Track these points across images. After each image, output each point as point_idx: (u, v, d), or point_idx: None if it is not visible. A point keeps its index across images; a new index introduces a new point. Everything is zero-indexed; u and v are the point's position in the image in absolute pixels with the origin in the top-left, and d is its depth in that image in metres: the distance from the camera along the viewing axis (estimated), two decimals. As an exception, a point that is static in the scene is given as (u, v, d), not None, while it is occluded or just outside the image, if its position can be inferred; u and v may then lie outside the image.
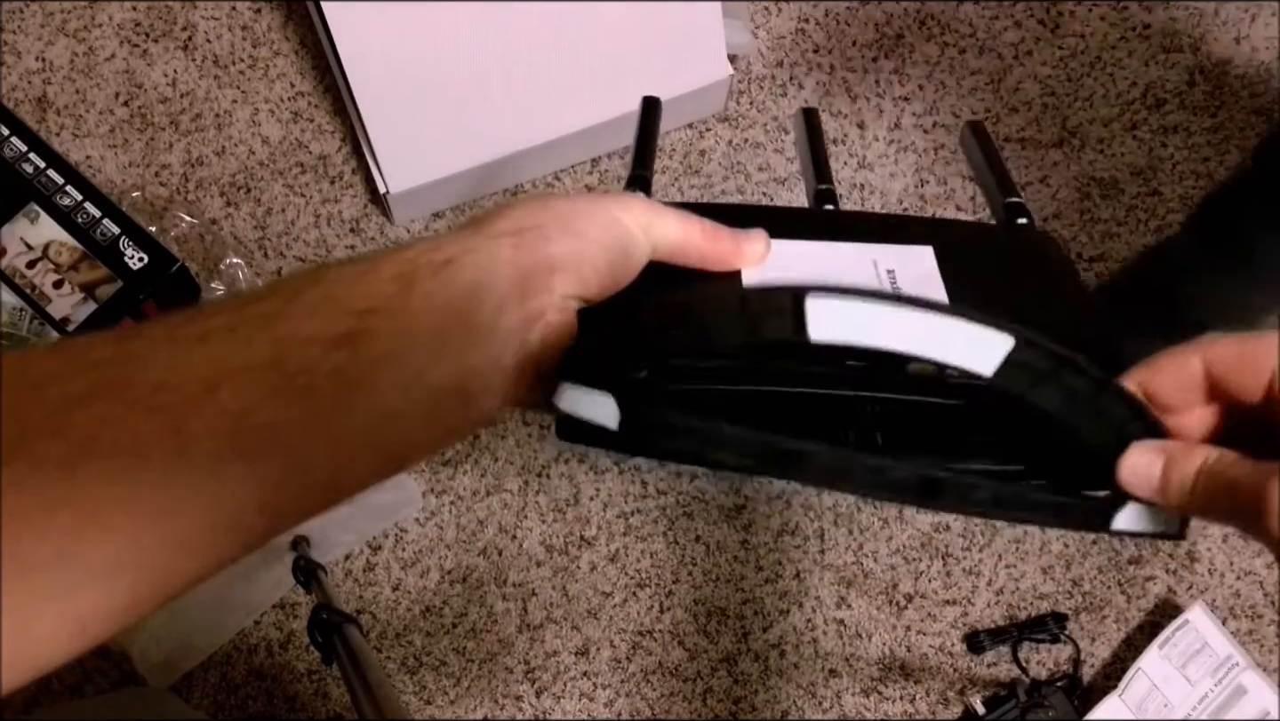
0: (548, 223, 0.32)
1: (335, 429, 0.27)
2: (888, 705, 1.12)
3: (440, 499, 1.12)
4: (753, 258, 0.36)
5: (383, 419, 0.28)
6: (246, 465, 0.26)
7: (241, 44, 1.20)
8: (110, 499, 0.24)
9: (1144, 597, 1.14)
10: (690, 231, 0.35)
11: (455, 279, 0.29)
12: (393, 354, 0.28)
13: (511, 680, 1.10)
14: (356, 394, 0.27)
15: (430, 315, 0.28)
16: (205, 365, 0.25)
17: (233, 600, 1.07)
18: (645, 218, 0.34)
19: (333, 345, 0.27)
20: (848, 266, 0.37)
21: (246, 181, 1.17)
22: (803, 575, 1.13)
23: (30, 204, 1.04)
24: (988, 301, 0.32)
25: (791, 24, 1.25)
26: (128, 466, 0.24)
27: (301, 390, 0.26)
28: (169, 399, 0.25)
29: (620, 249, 0.33)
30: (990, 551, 1.14)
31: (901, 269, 0.36)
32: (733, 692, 1.11)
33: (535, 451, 1.13)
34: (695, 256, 0.35)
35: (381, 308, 0.28)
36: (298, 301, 0.27)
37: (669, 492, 1.13)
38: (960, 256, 0.37)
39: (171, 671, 1.06)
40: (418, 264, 0.29)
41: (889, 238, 0.38)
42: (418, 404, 0.29)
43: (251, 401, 0.26)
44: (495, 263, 0.30)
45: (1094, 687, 1.12)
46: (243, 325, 0.27)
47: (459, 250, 0.30)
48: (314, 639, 0.79)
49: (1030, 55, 1.24)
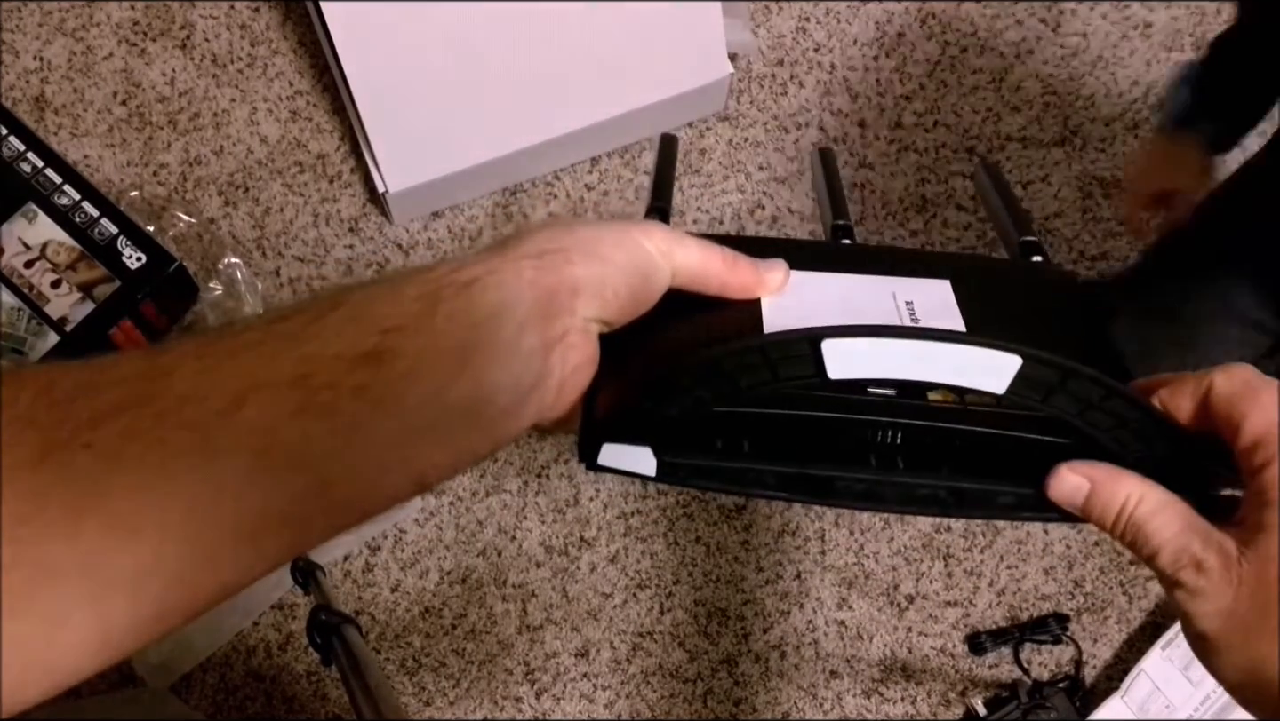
0: (570, 246, 0.32)
1: (358, 446, 0.28)
2: (889, 706, 1.11)
3: (439, 499, 1.11)
4: (772, 286, 0.36)
5: (405, 436, 0.28)
6: (272, 480, 0.26)
7: (240, 43, 1.19)
8: (136, 509, 0.24)
9: (1145, 598, 1.13)
10: (711, 259, 0.35)
11: (479, 299, 0.30)
12: (415, 372, 0.28)
13: (511, 681, 1.10)
14: (379, 411, 0.28)
15: (453, 334, 0.29)
16: (232, 380, 0.26)
17: (231, 601, 1.06)
18: (666, 244, 0.34)
19: (358, 363, 0.27)
20: (867, 298, 0.37)
21: (245, 181, 1.17)
22: (803, 576, 1.13)
23: (28, 203, 1.04)
24: (1003, 329, 0.33)
25: (792, 22, 1.25)
26: (155, 478, 0.24)
27: (326, 407, 0.27)
28: (196, 413, 0.25)
29: (642, 274, 0.33)
30: (992, 552, 1.14)
31: (920, 300, 0.36)
32: (733, 694, 1.11)
33: (535, 452, 1.13)
34: (715, 284, 0.36)
35: (406, 326, 0.28)
36: (324, 320, 0.28)
37: (669, 493, 1.13)
38: (977, 289, 0.38)
39: (170, 672, 1.06)
40: (441, 284, 0.30)
41: (906, 271, 0.39)
42: (439, 422, 0.29)
43: (278, 417, 0.26)
44: (518, 283, 0.30)
45: (1096, 689, 1.11)
46: (270, 341, 0.27)
47: (483, 271, 0.30)
48: (313, 640, 0.79)
49: (1032, 54, 1.24)
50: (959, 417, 0.34)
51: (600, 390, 0.34)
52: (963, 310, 0.36)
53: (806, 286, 0.37)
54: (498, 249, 0.32)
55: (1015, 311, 0.38)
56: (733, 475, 0.35)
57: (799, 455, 0.35)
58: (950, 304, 0.36)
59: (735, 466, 0.35)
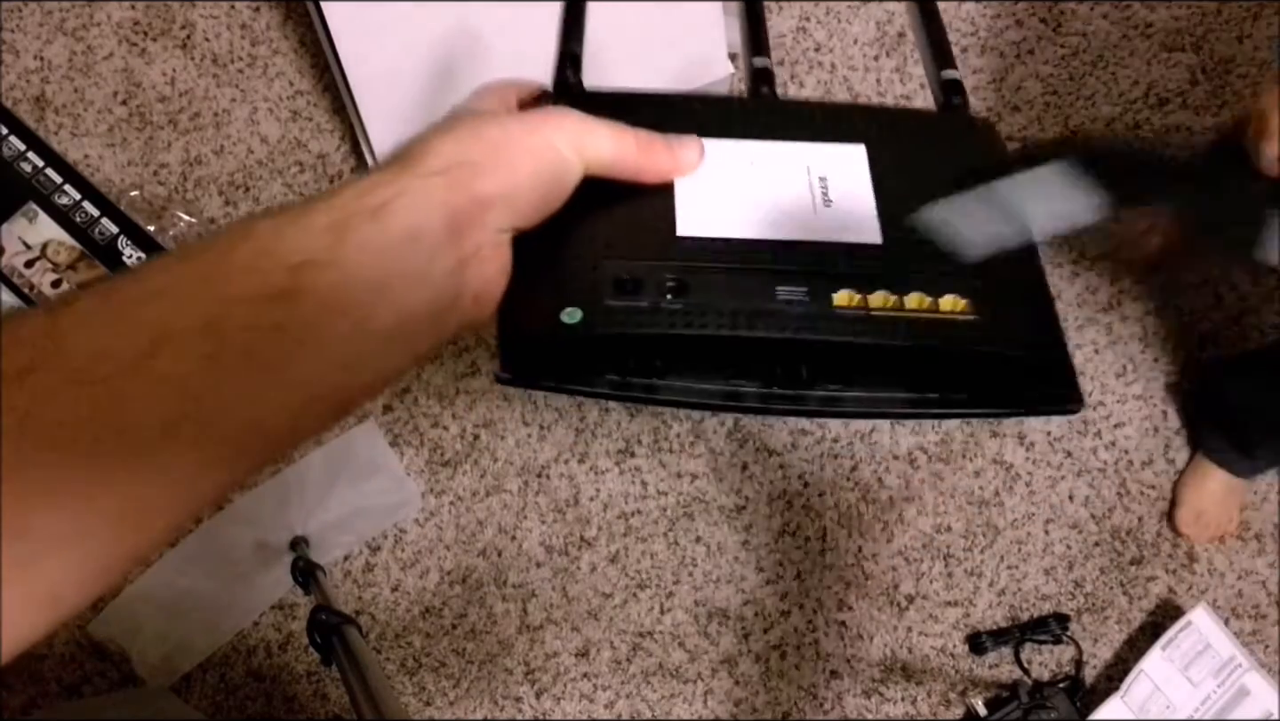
0: (479, 158, 0.32)
1: (281, 384, 0.27)
2: (889, 706, 1.11)
3: (440, 499, 1.11)
4: (687, 167, 0.37)
5: (329, 369, 0.28)
6: (195, 428, 0.26)
7: (240, 43, 1.19)
8: (58, 470, 0.24)
9: (1146, 598, 1.13)
10: (624, 147, 0.35)
11: (389, 224, 0.29)
12: (331, 307, 0.28)
13: (511, 681, 1.10)
14: (299, 349, 0.27)
15: (366, 265, 0.29)
16: (141, 331, 0.25)
17: (231, 601, 1.07)
18: (578, 138, 0.34)
19: (270, 302, 0.27)
20: (780, 177, 0.38)
21: (245, 180, 1.17)
22: (803, 576, 1.13)
23: (28, 203, 1.04)
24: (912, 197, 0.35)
25: (793, 22, 1.25)
26: (70, 438, 0.24)
27: (242, 351, 0.26)
28: (106, 369, 0.25)
29: (553, 177, 0.33)
30: (992, 552, 1.14)
31: (833, 174, 0.38)
32: (733, 694, 1.11)
33: (535, 451, 1.13)
34: (629, 172, 0.36)
35: (318, 260, 0.28)
36: (231, 257, 0.27)
37: (669, 493, 1.13)
38: (891, 152, 0.39)
39: (170, 672, 1.06)
40: (350, 210, 0.29)
41: (824, 133, 0.39)
42: (362, 351, 0.29)
43: (192, 365, 0.26)
44: (428, 204, 0.30)
45: (1096, 689, 1.11)
46: (177, 286, 0.27)
47: (391, 194, 0.30)
48: (313, 640, 0.79)
49: (1032, 54, 1.24)
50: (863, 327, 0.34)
51: (512, 308, 0.34)
52: (874, 177, 0.37)
53: (720, 165, 0.37)
54: (405, 163, 0.31)
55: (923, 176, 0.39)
56: (645, 388, 0.35)
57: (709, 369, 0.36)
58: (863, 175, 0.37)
59: (646, 382, 0.35)
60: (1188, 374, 1.15)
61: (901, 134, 0.41)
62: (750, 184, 0.37)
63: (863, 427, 1.14)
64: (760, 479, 1.13)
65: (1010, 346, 0.35)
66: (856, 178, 0.38)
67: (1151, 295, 1.17)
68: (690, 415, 1.13)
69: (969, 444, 1.14)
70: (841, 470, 1.14)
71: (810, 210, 0.37)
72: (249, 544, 1.05)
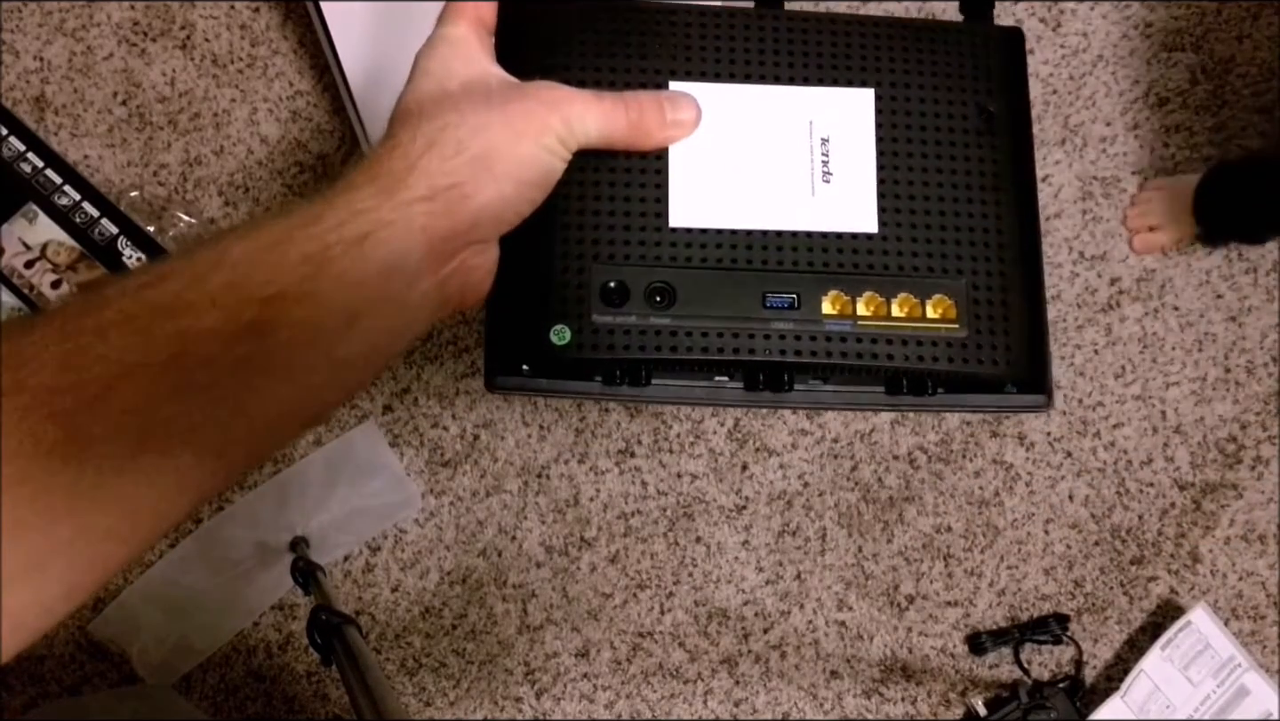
0: (465, 177, 0.31)
1: (246, 413, 0.27)
2: (889, 706, 1.12)
3: (440, 499, 1.11)
4: (681, 132, 0.35)
5: (295, 395, 0.28)
6: (158, 456, 0.25)
7: (240, 43, 1.19)
8: (18, 501, 0.23)
9: (1146, 598, 1.13)
10: (613, 123, 0.34)
11: (370, 255, 0.28)
12: (301, 340, 0.27)
13: (511, 681, 1.10)
14: (265, 380, 0.27)
15: (341, 297, 0.28)
16: (101, 365, 0.25)
17: (231, 601, 1.07)
18: (567, 124, 0.33)
19: (237, 337, 0.26)
20: (780, 140, 0.36)
21: (245, 181, 1.17)
22: (803, 576, 1.13)
23: (28, 203, 1.04)
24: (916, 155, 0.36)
25: (792, 23, 1.25)
26: (32, 471, 0.24)
27: (206, 385, 0.26)
28: (65, 403, 0.24)
29: (541, 179, 0.33)
30: (992, 552, 1.14)
31: (836, 134, 0.36)
32: (733, 694, 1.11)
33: (535, 452, 1.13)
34: (622, 145, 0.35)
35: (289, 293, 0.27)
36: (199, 287, 0.26)
37: (669, 493, 1.13)
38: (903, 94, 0.38)
39: (170, 672, 1.06)
40: (328, 242, 0.28)
41: (831, 68, 0.37)
42: (330, 378, 0.29)
43: (154, 398, 0.25)
44: (409, 234, 0.29)
45: (1096, 689, 1.11)
46: (141, 316, 0.26)
47: (373, 224, 0.29)
48: (313, 640, 0.79)
49: (1031, 53, 1.24)
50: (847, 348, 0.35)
51: (499, 320, 0.34)
52: (879, 146, 0.37)
53: (714, 131, 0.36)
54: (388, 186, 0.30)
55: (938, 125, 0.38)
56: (631, 393, 0.36)
57: (695, 374, 0.37)
58: (868, 139, 0.37)
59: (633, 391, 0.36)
60: (1188, 373, 1.15)
61: (915, 63, 0.38)
62: (747, 160, 0.36)
63: (863, 427, 1.14)
64: (760, 479, 1.13)
65: (990, 366, 0.35)
66: (860, 139, 0.36)
67: (1153, 291, 1.17)
68: (690, 415, 1.13)
69: (969, 444, 1.14)
70: (841, 470, 1.14)
71: (808, 191, 0.36)
72: (249, 544, 1.05)
